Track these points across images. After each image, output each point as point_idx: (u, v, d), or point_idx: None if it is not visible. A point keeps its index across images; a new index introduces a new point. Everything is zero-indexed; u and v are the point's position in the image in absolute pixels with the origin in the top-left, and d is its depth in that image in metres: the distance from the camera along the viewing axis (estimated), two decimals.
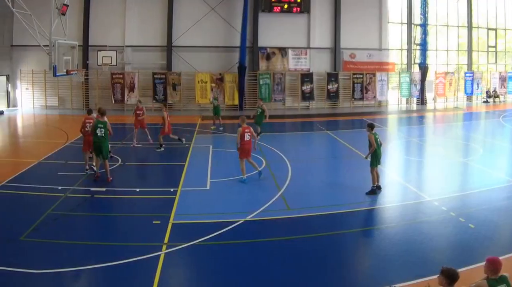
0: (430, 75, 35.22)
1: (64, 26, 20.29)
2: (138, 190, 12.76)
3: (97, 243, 9.39)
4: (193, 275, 8.36)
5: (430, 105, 35.11)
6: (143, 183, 14.55)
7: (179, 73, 30.09)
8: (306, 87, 31.73)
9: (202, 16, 30.35)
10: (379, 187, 12.75)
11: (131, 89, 29.72)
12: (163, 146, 18.07)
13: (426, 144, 21.10)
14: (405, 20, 35.29)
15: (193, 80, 30.24)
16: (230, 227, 10.12)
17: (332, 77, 32.30)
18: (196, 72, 30.25)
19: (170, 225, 10.19)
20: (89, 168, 14.51)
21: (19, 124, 25.56)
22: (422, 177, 15.35)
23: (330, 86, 32.25)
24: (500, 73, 38.34)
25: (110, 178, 13.57)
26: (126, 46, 30.03)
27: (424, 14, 33.52)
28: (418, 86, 34.57)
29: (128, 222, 10.69)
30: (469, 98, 37.44)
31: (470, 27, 37.38)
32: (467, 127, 26.39)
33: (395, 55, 35.42)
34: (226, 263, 8.56)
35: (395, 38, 35.40)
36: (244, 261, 8.63)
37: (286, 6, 31.14)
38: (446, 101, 36.23)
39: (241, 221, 10.48)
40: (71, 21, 25.07)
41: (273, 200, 12.08)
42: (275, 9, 31.02)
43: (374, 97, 33.55)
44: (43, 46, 19.08)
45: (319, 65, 32.50)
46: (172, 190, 12.77)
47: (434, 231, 10.04)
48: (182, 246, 9.10)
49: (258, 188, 13.36)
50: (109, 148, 14.11)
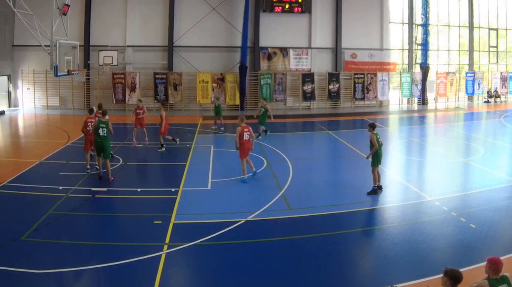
0: (431, 75, 35.18)
1: (65, 26, 20.37)
2: (139, 190, 12.78)
3: (98, 243, 9.40)
4: (194, 275, 8.36)
5: (431, 105, 35.07)
6: (144, 183, 14.56)
7: (180, 73, 30.08)
8: (307, 87, 31.72)
9: (203, 16, 30.35)
10: (380, 187, 12.75)
11: (132, 89, 29.72)
12: (164, 146, 18.08)
13: (427, 144, 21.08)
14: (406, 20, 35.25)
15: (194, 80, 30.24)
16: (231, 227, 10.13)
17: (333, 77, 32.29)
18: (197, 72, 30.25)
19: (171, 225, 10.20)
20: (90, 167, 14.54)
21: (20, 124, 25.56)
22: (423, 177, 15.32)
23: (331, 86, 32.24)
24: (501, 73, 38.30)
25: (112, 178, 13.59)
26: (127, 46, 30.02)
27: (425, 14, 33.48)
28: (419, 86, 34.53)
29: (129, 222, 10.71)
30: (470, 98, 37.38)
31: (471, 27, 37.33)
32: (468, 128, 26.36)
33: (396, 55, 35.37)
34: (227, 263, 8.56)
35: (396, 38, 35.36)
36: (245, 261, 8.63)
37: (287, 6, 31.11)
38: (447, 101, 36.21)
39: (242, 221, 10.49)
40: (72, 21, 25.18)
41: (274, 200, 12.09)
42: (276, 9, 31.00)
43: (375, 97, 33.53)
44: (45, 46, 19.14)
45: (320, 65, 32.48)
46: (173, 190, 12.77)
47: (435, 231, 10.03)
48: (183, 246, 9.10)
49: (259, 188, 13.37)
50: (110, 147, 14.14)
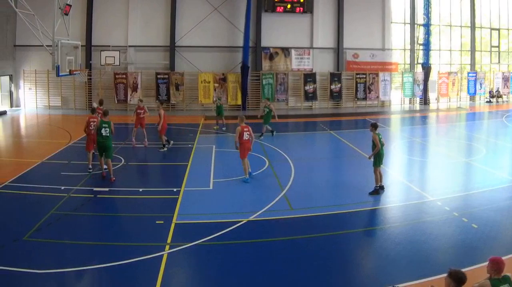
0: (433, 75, 35.17)
1: (67, 26, 20.37)
2: (141, 190, 12.79)
3: (100, 243, 9.41)
4: (196, 275, 8.36)
5: (433, 105, 35.02)
6: (146, 183, 14.57)
7: (182, 73, 30.09)
8: (309, 87, 31.71)
9: (205, 16, 30.36)
10: (382, 187, 12.74)
11: (134, 89, 29.74)
12: (166, 146, 18.07)
13: (429, 144, 21.05)
14: (408, 20, 35.19)
15: (196, 80, 30.25)
16: (233, 227, 10.13)
17: (335, 77, 32.28)
18: (199, 72, 30.26)
19: (173, 225, 10.20)
20: (92, 167, 14.56)
21: (22, 124, 25.59)
22: (425, 177, 15.30)
23: (333, 86, 32.23)
24: (503, 73, 38.23)
25: (113, 178, 13.60)
26: (129, 46, 30.04)
27: (427, 14, 33.45)
28: (421, 86, 34.50)
29: (131, 222, 10.72)
30: (472, 98, 37.34)
31: (473, 27, 37.29)
32: (470, 128, 26.30)
33: (398, 55, 35.34)
34: (228, 263, 8.56)
35: (398, 38, 35.32)
36: (247, 261, 8.63)
37: (289, 6, 31.10)
38: (449, 101, 36.16)
39: (244, 221, 10.49)
40: (74, 21, 25.17)
41: (276, 200, 12.09)
42: (278, 9, 30.99)
43: (377, 97, 33.50)
44: (46, 46, 19.14)
45: (322, 65, 32.46)
46: (175, 190, 12.78)
47: (437, 231, 10.02)
48: (185, 246, 9.11)
49: (261, 188, 13.37)
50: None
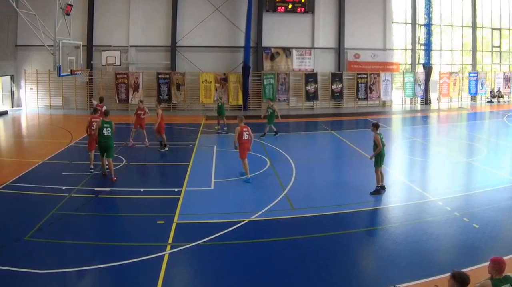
0: (434, 75, 35.17)
1: (68, 26, 20.36)
2: (142, 190, 12.79)
3: (101, 243, 9.42)
4: (197, 275, 8.36)
5: (434, 105, 35.02)
6: (147, 183, 14.57)
7: (183, 73, 30.11)
8: (310, 87, 31.71)
9: (206, 16, 30.39)
10: (384, 187, 12.74)
11: (136, 89, 29.77)
12: (167, 146, 18.08)
13: (430, 144, 21.02)
14: (409, 20, 35.20)
15: (197, 80, 30.27)
16: (234, 227, 10.13)
17: (336, 77, 32.29)
18: (200, 72, 30.28)
19: (174, 225, 10.20)
20: (93, 167, 14.57)
21: (24, 124, 25.62)
22: (426, 177, 15.29)
23: (334, 86, 32.24)
24: (504, 73, 38.20)
25: (115, 178, 13.61)
26: (130, 46, 30.08)
27: (428, 14, 33.43)
28: (422, 86, 34.50)
29: (132, 222, 10.72)
30: (473, 98, 37.35)
31: (474, 27, 37.26)
32: (471, 128, 26.27)
33: (399, 55, 35.33)
34: (230, 263, 8.57)
35: (399, 38, 35.32)
36: (248, 261, 8.63)
37: (290, 6, 31.11)
38: (450, 101, 36.15)
39: (245, 221, 10.49)
40: (75, 21, 25.17)
41: (277, 200, 12.09)
42: (279, 9, 31.00)
43: (378, 97, 33.50)
44: (48, 46, 19.14)
45: (323, 65, 32.47)
46: (176, 190, 12.78)
47: (438, 231, 10.01)
48: (187, 246, 9.11)
49: (262, 188, 13.36)
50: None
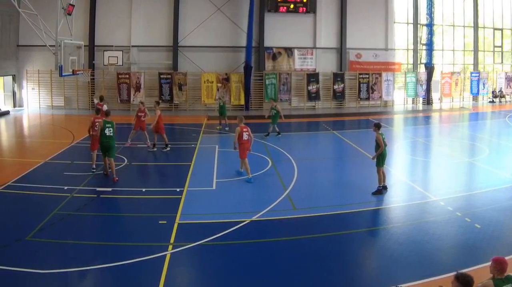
0: (436, 75, 35.06)
1: (70, 26, 20.39)
2: (144, 190, 12.80)
3: (103, 243, 9.42)
4: (199, 275, 8.36)
5: (436, 105, 34.95)
6: (149, 183, 14.59)
7: (185, 73, 30.10)
8: (312, 87, 31.69)
9: (208, 16, 30.38)
10: (385, 187, 12.73)
11: (137, 89, 29.78)
12: (169, 146, 18.08)
13: (432, 144, 21.01)
14: (411, 20, 35.14)
15: (199, 80, 30.26)
16: (236, 227, 10.13)
17: (338, 77, 32.25)
18: (202, 72, 30.27)
19: (176, 225, 10.20)
20: (96, 167, 14.58)
21: (25, 124, 25.65)
22: (428, 177, 15.27)
23: (336, 86, 32.21)
24: (506, 73, 38.10)
25: (116, 178, 13.61)
26: (132, 46, 30.09)
27: (430, 14, 33.38)
28: (424, 86, 34.43)
29: (134, 222, 10.72)
30: (475, 98, 37.26)
31: (476, 27, 37.19)
32: (473, 127, 26.24)
33: (401, 55, 35.28)
34: (232, 263, 8.57)
35: (401, 38, 35.25)
36: (250, 261, 8.63)
37: (292, 6, 31.07)
38: (452, 101, 36.06)
39: (247, 221, 10.49)
40: (77, 21, 25.20)
41: (279, 200, 12.08)
42: (281, 9, 30.96)
43: (380, 97, 33.44)
44: (49, 46, 19.18)
45: (325, 65, 32.43)
46: (178, 190, 12.78)
47: (440, 231, 10.00)
48: (188, 246, 9.11)
49: (264, 188, 13.36)
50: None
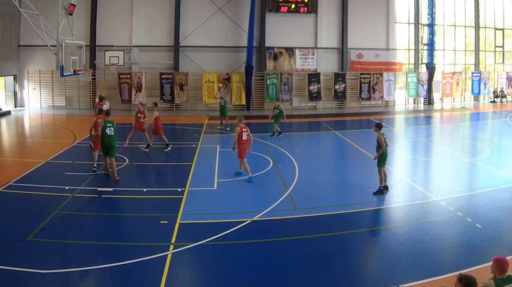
0: (437, 75, 35.04)
1: (71, 26, 20.42)
2: (145, 190, 12.80)
3: (104, 243, 9.43)
4: (200, 275, 8.37)
5: (437, 105, 34.93)
6: (150, 183, 14.60)
7: (186, 73, 30.11)
8: (313, 87, 31.68)
9: (209, 16, 30.37)
10: (387, 187, 12.72)
11: (138, 89, 29.79)
12: (170, 146, 18.08)
13: (433, 144, 20.99)
14: (412, 20, 35.12)
15: (200, 80, 30.27)
16: (237, 227, 10.13)
17: (339, 77, 32.24)
18: (203, 72, 30.28)
19: (177, 225, 10.21)
20: (97, 167, 14.59)
21: (26, 124, 25.67)
22: (429, 177, 15.26)
23: (337, 86, 32.20)
24: (507, 73, 38.04)
25: (117, 178, 13.62)
26: (133, 46, 30.10)
27: (431, 14, 33.35)
28: (425, 86, 34.40)
29: (135, 222, 10.72)
30: (476, 98, 37.21)
31: (477, 27, 37.15)
32: (474, 127, 26.22)
33: (402, 55, 35.27)
34: (233, 263, 8.57)
35: (402, 38, 35.24)
36: (251, 261, 8.63)
37: (293, 6, 31.06)
38: (453, 101, 36.03)
39: (248, 221, 10.49)
40: (78, 21, 25.22)
41: (280, 200, 12.08)
42: (282, 9, 30.96)
43: (381, 97, 33.43)
44: (51, 46, 19.21)
45: (326, 65, 32.42)
46: (179, 190, 12.78)
47: (441, 231, 10.00)
48: (190, 246, 9.11)
49: (265, 188, 13.36)
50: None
